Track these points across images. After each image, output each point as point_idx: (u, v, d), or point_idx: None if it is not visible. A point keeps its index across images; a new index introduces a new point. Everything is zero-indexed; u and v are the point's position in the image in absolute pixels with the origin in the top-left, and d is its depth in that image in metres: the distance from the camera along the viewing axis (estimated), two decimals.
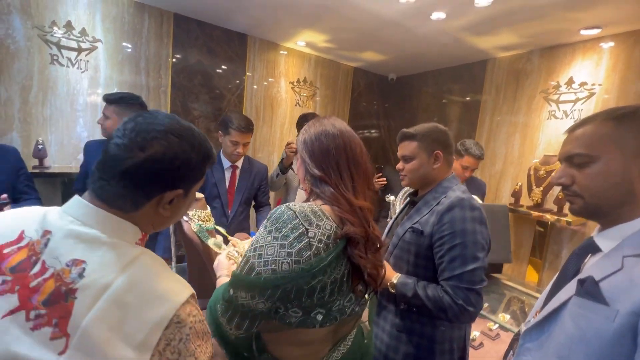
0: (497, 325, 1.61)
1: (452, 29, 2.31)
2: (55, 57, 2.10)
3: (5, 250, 0.46)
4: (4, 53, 1.96)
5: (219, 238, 1.05)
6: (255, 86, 2.95)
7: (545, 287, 0.75)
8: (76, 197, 0.51)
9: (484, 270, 0.91)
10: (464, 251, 0.90)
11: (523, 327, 0.71)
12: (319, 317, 0.67)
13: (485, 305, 1.76)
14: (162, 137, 0.52)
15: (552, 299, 0.63)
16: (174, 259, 1.39)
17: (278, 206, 0.68)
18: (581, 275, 0.59)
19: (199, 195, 1.10)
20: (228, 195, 1.85)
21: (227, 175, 1.86)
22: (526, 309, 1.84)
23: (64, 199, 0.99)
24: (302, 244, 0.63)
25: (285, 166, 2.03)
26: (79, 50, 2.17)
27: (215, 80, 2.75)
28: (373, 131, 3.92)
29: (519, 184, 2.52)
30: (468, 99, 3.09)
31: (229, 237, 1.04)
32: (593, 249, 0.62)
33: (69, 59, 2.14)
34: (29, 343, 0.42)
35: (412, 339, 1.00)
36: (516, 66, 2.70)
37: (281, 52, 3.04)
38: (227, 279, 0.78)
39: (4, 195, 1.11)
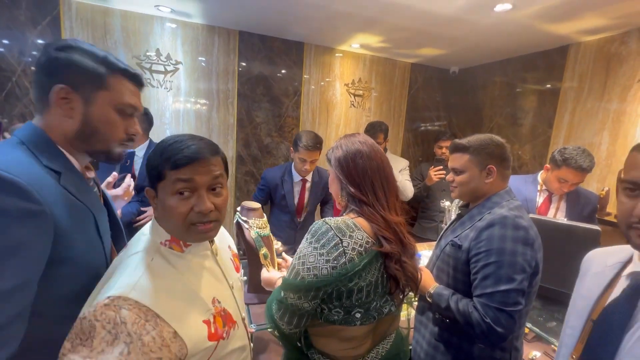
0: None
1: (521, 18, 2.09)
2: (148, 81, 2.54)
3: None
4: None
5: (266, 250, 1.21)
6: (312, 86, 3.09)
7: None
8: None
9: (521, 294, 0.87)
10: (499, 270, 0.88)
11: None
12: (358, 316, 0.77)
13: (553, 324, 1.61)
14: None
15: (628, 357, 0.54)
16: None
17: (316, 221, 0.78)
18: None
19: (255, 205, 1.27)
20: (297, 206, 2.01)
21: (297, 188, 2.01)
22: None
23: None
24: (337, 252, 0.73)
25: None
26: (165, 72, 2.58)
27: (275, 89, 2.96)
28: (437, 123, 3.75)
29: (606, 188, 2.18)
30: (546, 89, 2.75)
31: (281, 259, 1.20)
32: None
33: (158, 81, 2.57)
34: None
35: (450, 350, 1.01)
36: (606, 50, 2.31)
37: (336, 55, 3.12)
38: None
39: (115, 174, 1.19)
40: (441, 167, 2.39)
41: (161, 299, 0.57)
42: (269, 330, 0.83)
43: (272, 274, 1.06)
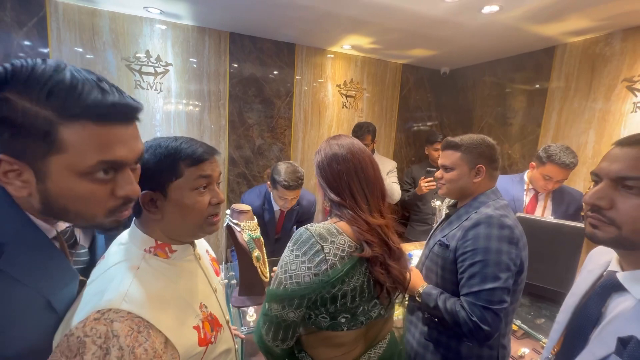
0: None
1: (508, 20, 2.12)
2: (138, 83, 2.51)
3: None
4: None
5: (258, 252, 1.21)
6: (305, 87, 3.09)
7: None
8: None
9: (506, 292, 0.89)
10: (485, 269, 0.89)
11: None
12: (343, 320, 0.77)
13: (542, 320, 1.64)
14: None
15: (585, 352, 0.57)
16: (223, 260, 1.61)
17: (298, 229, 0.78)
18: (615, 328, 0.53)
19: (246, 207, 1.26)
20: (276, 229, 2.00)
21: (277, 215, 1.97)
22: None
23: None
24: (319, 258, 0.73)
25: None
26: (155, 74, 2.55)
27: (267, 90, 2.96)
28: (429, 123, 3.76)
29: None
30: (534, 89, 2.79)
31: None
32: (617, 287, 0.57)
33: (148, 83, 2.54)
34: None
35: (439, 349, 1.02)
36: (591, 51, 2.35)
37: (328, 56, 3.13)
38: None
39: None
40: (432, 178, 2.38)
41: (153, 308, 0.56)
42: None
43: None
